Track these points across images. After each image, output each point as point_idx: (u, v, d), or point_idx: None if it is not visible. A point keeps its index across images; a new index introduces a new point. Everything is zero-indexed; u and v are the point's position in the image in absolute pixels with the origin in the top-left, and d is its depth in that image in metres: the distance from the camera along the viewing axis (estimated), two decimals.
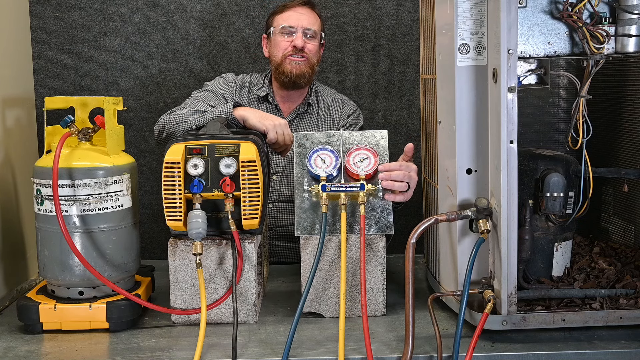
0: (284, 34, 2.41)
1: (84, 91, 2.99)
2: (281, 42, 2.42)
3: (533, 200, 1.70)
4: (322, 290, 1.74)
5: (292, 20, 2.41)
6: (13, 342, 1.64)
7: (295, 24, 2.40)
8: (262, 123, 2.04)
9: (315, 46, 2.44)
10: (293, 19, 2.42)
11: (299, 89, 2.47)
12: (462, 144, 1.62)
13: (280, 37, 2.42)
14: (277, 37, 2.43)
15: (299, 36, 2.39)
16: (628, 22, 1.56)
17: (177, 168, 1.67)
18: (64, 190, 1.67)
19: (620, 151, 2.01)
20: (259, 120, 2.05)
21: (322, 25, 2.49)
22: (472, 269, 1.55)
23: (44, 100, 1.81)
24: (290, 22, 2.41)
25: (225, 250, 1.71)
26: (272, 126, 2.04)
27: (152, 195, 3.02)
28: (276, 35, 2.43)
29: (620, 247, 1.98)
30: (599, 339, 1.56)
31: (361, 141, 1.81)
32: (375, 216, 1.74)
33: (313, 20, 2.44)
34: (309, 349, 1.56)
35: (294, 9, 2.44)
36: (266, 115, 2.08)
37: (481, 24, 1.59)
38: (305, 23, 2.41)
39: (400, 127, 3.14)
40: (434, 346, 1.54)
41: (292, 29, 2.40)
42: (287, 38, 2.41)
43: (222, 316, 1.72)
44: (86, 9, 2.98)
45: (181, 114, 2.13)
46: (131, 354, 1.56)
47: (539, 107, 2.18)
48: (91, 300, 1.71)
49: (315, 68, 2.45)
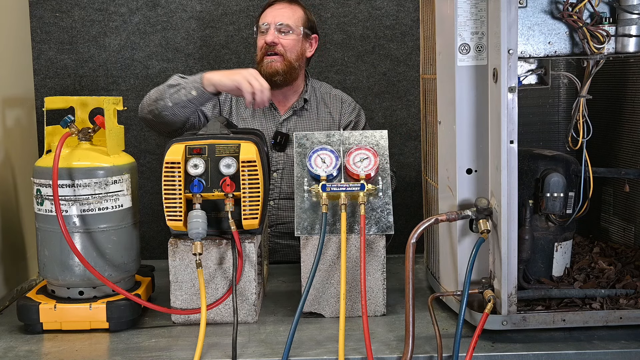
0: (262, 32, 2.42)
1: (84, 91, 3.00)
2: (259, 40, 2.43)
3: (533, 200, 1.70)
4: (322, 290, 1.74)
5: (267, 17, 2.42)
6: (13, 342, 1.64)
7: (269, 20, 2.41)
8: (232, 79, 2.04)
9: (292, 40, 2.40)
10: (269, 16, 2.42)
11: (284, 87, 2.45)
12: (462, 144, 1.62)
13: (259, 36, 2.43)
14: (258, 36, 2.45)
15: (270, 32, 2.39)
16: (628, 22, 1.56)
17: (177, 168, 1.67)
18: (64, 190, 1.67)
19: (620, 151, 2.01)
20: (228, 78, 2.05)
21: (305, 19, 2.45)
22: (472, 269, 1.55)
23: (44, 100, 1.81)
24: (266, 20, 2.42)
25: (225, 250, 1.71)
26: (242, 78, 2.02)
27: (152, 195, 3.03)
28: (257, 35, 2.45)
29: (620, 247, 1.98)
30: (599, 339, 1.56)
31: (361, 141, 1.81)
32: (375, 216, 1.74)
33: (289, 14, 2.42)
34: (309, 349, 1.56)
35: (272, 6, 2.45)
36: (233, 71, 2.08)
37: (481, 24, 1.59)
38: (278, 19, 2.40)
39: (400, 127, 3.14)
40: (434, 346, 1.54)
41: (267, 26, 2.40)
42: (263, 36, 2.41)
43: (222, 316, 1.72)
44: (86, 9, 2.98)
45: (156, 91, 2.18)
46: (131, 354, 1.56)
47: (539, 107, 2.18)
48: (91, 300, 1.71)
49: (295, 63, 2.41)
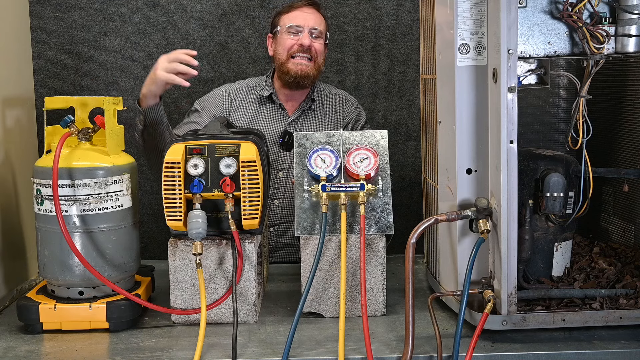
0: (291, 32, 2.44)
1: (84, 91, 3.00)
2: (287, 40, 2.44)
3: (533, 200, 1.70)
4: (322, 290, 1.74)
5: (299, 19, 2.44)
6: (13, 342, 1.64)
7: (302, 23, 2.44)
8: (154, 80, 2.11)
9: (322, 46, 2.47)
10: (300, 18, 2.45)
11: (303, 89, 2.49)
12: (462, 144, 1.62)
13: (287, 35, 2.44)
14: (284, 35, 2.45)
15: (305, 35, 2.42)
16: (628, 22, 1.56)
17: (177, 168, 1.67)
18: (64, 190, 1.67)
19: (620, 151, 2.01)
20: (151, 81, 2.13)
21: (327, 26, 2.53)
22: (472, 269, 1.55)
23: (44, 100, 1.82)
24: (297, 22, 2.44)
25: (225, 250, 1.71)
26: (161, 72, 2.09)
27: (152, 195, 3.03)
28: (282, 34, 2.46)
29: (620, 247, 1.98)
30: (599, 339, 1.56)
31: (361, 141, 1.81)
32: (375, 216, 1.74)
33: (319, 20, 2.47)
34: (309, 349, 1.56)
35: (301, 9, 2.48)
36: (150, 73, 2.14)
37: (481, 24, 1.59)
38: (311, 23, 2.44)
39: (400, 127, 3.14)
40: (434, 346, 1.54)
41: (299, 28, 2.44)
42: (293, 37, 2.44)
43: (222, 316, 1.72)
44: (86, 9, 2.98)
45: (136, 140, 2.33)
46: (131, 354, 1.56)
47: (539, 107, 2.18)
48: (91, 300, 1.71)
49: (321, 68, 2.49)
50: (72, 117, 1.76)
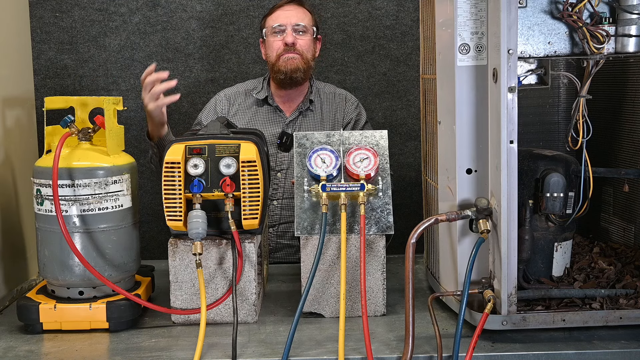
0: (275, 33, 2.46)
1: (84, 91, 3.00)
2: (274, 42, 2.46)
3: (533, 200, 1.70)
4: (322, 290, 1.74)
5: (281, 18, 2.46)
6: (13, 342, 1.64)
7: (284, 21, 2.45)
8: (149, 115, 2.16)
9: (307, 40, 2.47)
10: (281, 17, 2.46)
11: (298, 86, 2.49)
12: (462, 144, 1.62)
13: (272, 37, 2.46)
14: (270, 38, 2.48)
15: (288, 33, 2.44)
16: (628, 22, 1.56)
17: (177, 168, 1.67)
18: (64, 190, 1.67)
19: (620, 151, 2.01)
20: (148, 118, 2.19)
21: (313, 20, 2.52)
22: (472, 269, 1.55)
23: (44, 100, 1.82)
24: (279, 21, 2.46)
25: (225, 250, 1.71)
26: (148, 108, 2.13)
27: (152, 195, 3.03)
28: (269, 37, 2.48)
29: (620, 247, 1.98)
30: (599, 339, 1.56)
31: (361, 141, 1.81)
32: (375, 216, 1.74)
33: (302, 15, 2.48)
34: (309, 349, 1.56)
35: (282, 8, 2.49)
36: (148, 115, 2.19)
37: (481, 24, 1.59)
38: (294, 20, 2.45)
39: (400, 127, 3.14)
40: (434, 346, 1.54)
41: (282, 27, 2.45)
42: (278, 37, 2.45)
43: (222, 316, 1.72)
44: (86, 9, 2.98)
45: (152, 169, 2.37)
46: (131, 354, 1.56)
47: (539, 107, 2.17)
48: (91, 300, 1.71)
49: (310, 63, 2.48)
50: (72, 117, 1.76)
